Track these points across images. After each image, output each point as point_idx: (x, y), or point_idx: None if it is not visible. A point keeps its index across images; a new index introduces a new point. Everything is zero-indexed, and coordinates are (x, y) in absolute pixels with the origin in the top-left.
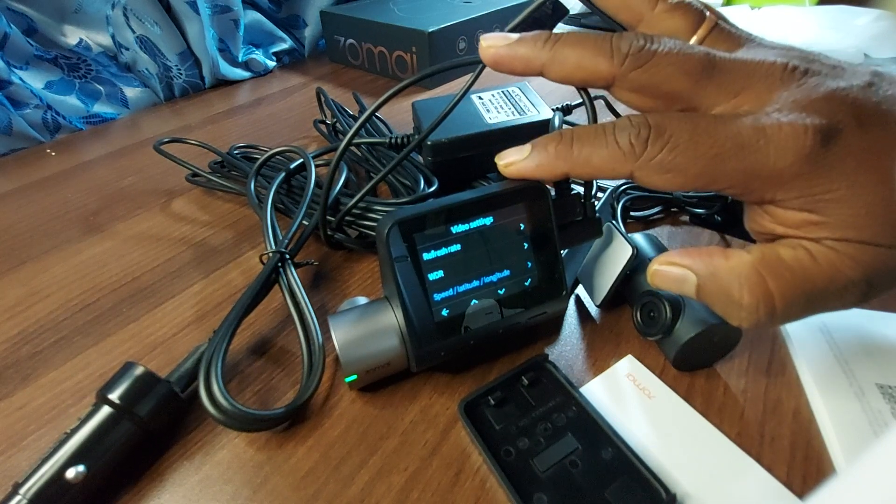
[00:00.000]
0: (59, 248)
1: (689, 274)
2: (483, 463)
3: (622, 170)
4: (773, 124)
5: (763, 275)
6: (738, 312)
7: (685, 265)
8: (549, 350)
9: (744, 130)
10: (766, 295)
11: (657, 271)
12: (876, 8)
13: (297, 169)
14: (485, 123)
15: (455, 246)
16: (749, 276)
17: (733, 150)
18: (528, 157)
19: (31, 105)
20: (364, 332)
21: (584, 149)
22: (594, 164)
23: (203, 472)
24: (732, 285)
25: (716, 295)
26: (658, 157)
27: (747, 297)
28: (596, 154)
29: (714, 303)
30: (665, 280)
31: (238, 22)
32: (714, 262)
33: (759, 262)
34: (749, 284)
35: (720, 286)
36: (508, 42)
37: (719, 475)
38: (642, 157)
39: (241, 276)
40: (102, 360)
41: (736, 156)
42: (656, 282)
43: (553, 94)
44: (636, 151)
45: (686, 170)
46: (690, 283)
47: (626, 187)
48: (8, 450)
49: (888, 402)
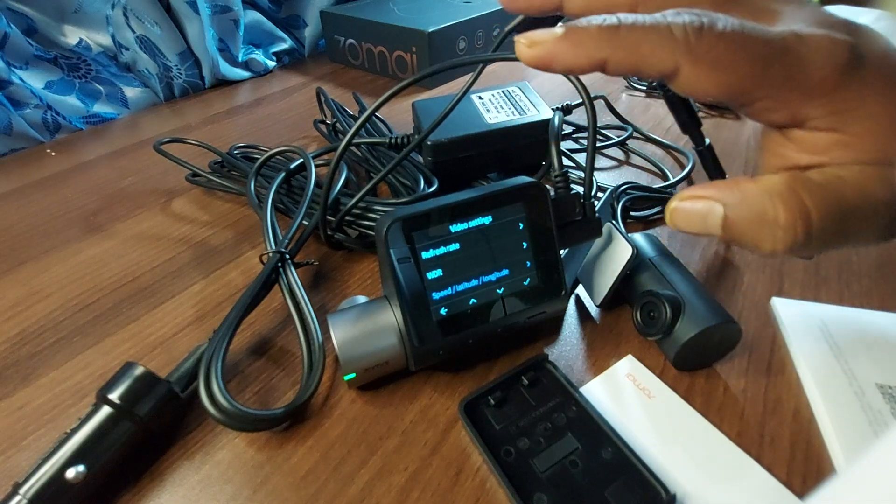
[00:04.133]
0: (59, 248)
1: (715, 205)
2: (483, 463)
3: (671, 60)
4: (813, 34)
5: (797, 191)
6: (773, 233)
7: (709, 196)
8: (549, 350)
9: (788, 37)
10: (804, 210)
11: (677, 208)
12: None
13: (297, 169)
14: (485, 123)
15: (454, 245)
16: (783, 192)
17: (780, 54)
18: (562, 35)
19: (31, 105)
20: (363, 330)
21: (635, 32)
22: (642, 50)
23: (203, 472)
24: (766, 205)
25: (746, 222)
26: (714, 50)
27: (783, 213)
28: (646, 39)
29: (743, 232)
30: (687, 217)
31: (238, 22)
32: (742, 186)
33: (793, 180)
34: (783, 200)
35: (752, 209)
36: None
37: (719, 475)
38: (697, 47)
39: (241, 276)
40: (102, 360)
41: (781, 60)
42: (677, 220)
43: (553, 94)
44: (691, 40)
45: (737, 68)
46: (716, 216)
47: (626, 187)
48: (8, 450)
49: (888, 402)
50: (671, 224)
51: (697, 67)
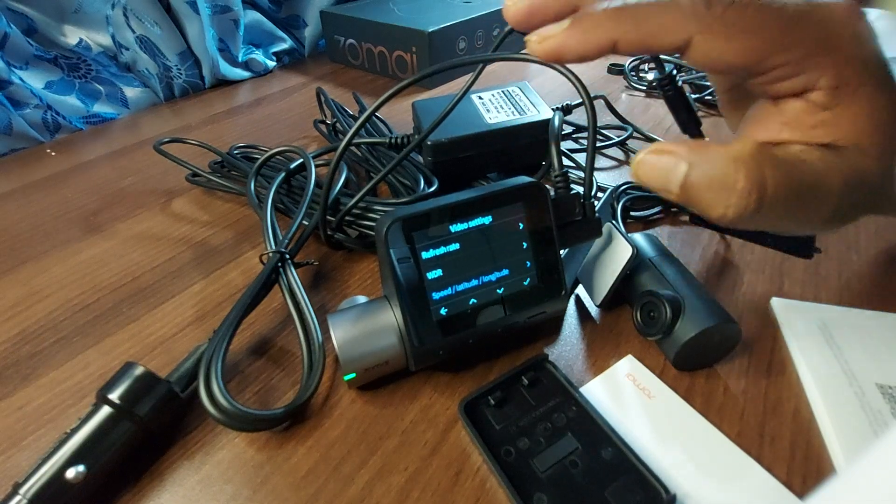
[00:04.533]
0: (59, 248)
1: (681, 162)
2: (483, 463)
3: (684, 31)
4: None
5: (760, 161)
6: (727, 198)
7: (677, 153)
8: (549, 350)
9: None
10: (761, 181)
11: (644, 160)
12: (876, 8)
13: (297, 169)
14: (485, 123)
15: (454, 245)
16: (747, 161)
17: (804, 17)
18: (570, 25)
19: (31, 105)
20: (363, 330)
21: (642, 8)
22: (651, 25)
23: (203, 472)
24: (728, 169)
25: (706, 184)
26: (728, 12)
27: (743, 180)
28: (654, 14)
29: (700, 193)
30: (651, 170)
31: (238, 22)
32: (710, 148)
33: (758, 151)
34: (746, 168)
35: (715, 171)
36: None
37: (719, 475)
38: (709, 14)
39: (241, 276)
40: (102, 360)
41: (804, 23)
42: (640, 172)
43: (553, 94)
44: (701, 8)
45: (759, 31)
46: (679, 173)
47: (626, 187)
48: (8, 450)
49: (888, 402)
50: (634, 176)
51: (710, 36)
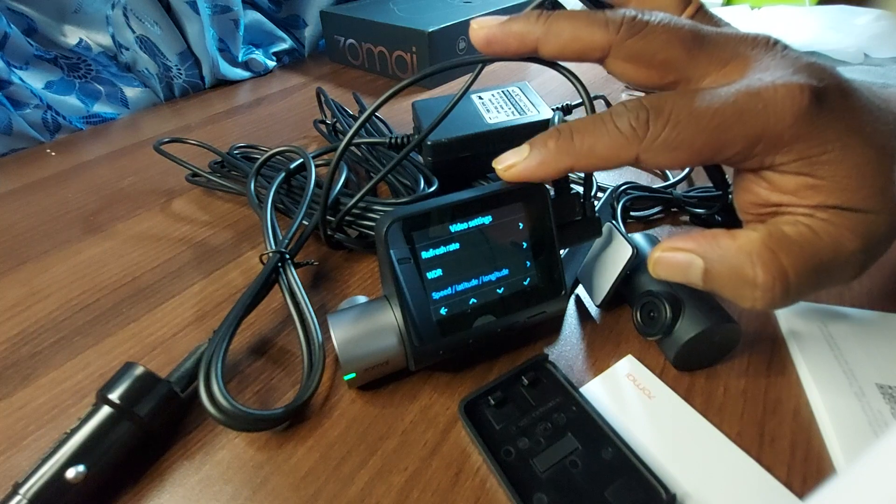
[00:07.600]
0: (59, 248)
1: (695, 258)
2: (483, 463)
3: (627, 155)
4: (767, 87)
5: (774, 251)
6: (752, 293)
7: (690, 249)
8: (549, 350)
9: (740, 97)
10: (781, 271)
11: (660, 258)
12: (876, 8)
13: (297, 169)
14: (485, 123)
15: (454, 245)
16: (761, 253)
17: (734, 118)
18: (528, 156)
19: (31, 105)
20: (363, 330)
21: (586, 139)
22: (598, 153)
23: (203, 472)
24: (745, 265)
25: (725, 278)
26: (662, 135)
27: (762, 274)
28: (599, 143)
29: (724, 286)
30: (669, 268)
31: (238, 22)
32: (721, 243)
33: (769, 239)
34: (762, 262)
35: (730, 267)
36: (500, 22)
37: (719, 475)
38: (646, 139)
39: (241, 276)
40: (102, 360)
41: (737, 123)
42: (658, 271)
43: (553, 94)
44: (639, 134)
45: (692, 144)
46: (697, 269)
47: (626, 187)
48: (8, 450)
49: (888, 402)
50: (654, 274)
51: (651, 154)
